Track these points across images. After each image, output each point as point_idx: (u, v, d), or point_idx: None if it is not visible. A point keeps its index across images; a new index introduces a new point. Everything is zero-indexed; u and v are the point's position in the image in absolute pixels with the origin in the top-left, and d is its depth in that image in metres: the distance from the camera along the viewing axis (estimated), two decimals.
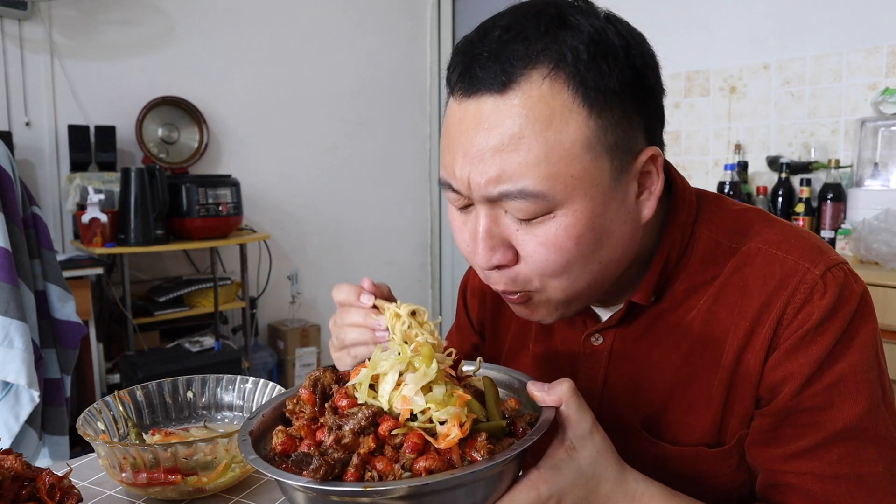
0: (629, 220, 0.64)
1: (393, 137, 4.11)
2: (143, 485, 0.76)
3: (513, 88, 0.58)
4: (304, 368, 3.53)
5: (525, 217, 0.60)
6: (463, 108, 0.61)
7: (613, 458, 0.60)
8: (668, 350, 0.70)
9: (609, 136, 0.59)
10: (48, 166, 2.96)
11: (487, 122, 0.59)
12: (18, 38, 2.84)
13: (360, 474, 0.52)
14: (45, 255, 1.56)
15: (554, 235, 0.60)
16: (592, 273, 0.64)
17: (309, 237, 3.79)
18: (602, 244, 0.62)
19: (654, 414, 0.70)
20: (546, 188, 0.58)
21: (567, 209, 0.59)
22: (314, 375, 0.62)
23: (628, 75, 0.60)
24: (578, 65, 0.58)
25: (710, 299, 0.68)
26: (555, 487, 0.56)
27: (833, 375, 0.62)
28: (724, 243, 0.69)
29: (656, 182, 0.65)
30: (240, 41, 3.45)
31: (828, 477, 0.62)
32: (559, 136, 0.57)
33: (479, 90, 0.59)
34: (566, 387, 0.58)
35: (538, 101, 0.57)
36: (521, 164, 0.58)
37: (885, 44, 2.41)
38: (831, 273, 0.64)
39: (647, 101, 0.63)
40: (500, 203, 0.61)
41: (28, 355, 1.37)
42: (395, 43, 4.07)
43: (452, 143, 0.62)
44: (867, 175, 2.44)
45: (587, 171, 0.59)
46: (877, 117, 2.37)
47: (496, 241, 0.62)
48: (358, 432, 0.54)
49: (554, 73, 0.58)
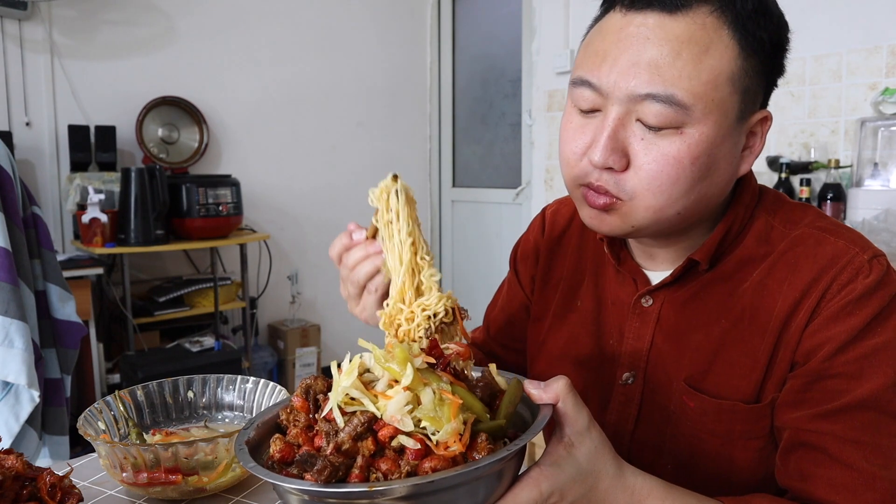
0: (732, 164, 0.70)
1: (393, 137, 4.11)
2: (144, 484, 0.76)
3: (683, 12, 0.64)
4: (304, 368, 3.53)
5: (658, 124, 0.65)
6: (627, 18, 0.66)
7: (611, 453, 0.61)
8: (717, 316, 0.74)
9: (746, 80, 0.66)
10: (48, 166, 2.96)
11: (653, 34, 0.64)
12: (18, 38, 2.84)
13: (364, 475, 0.52)
14: (45, 255, 1.56)
15: (677, 150, 0.65)
16: (689, 201, 0.68)
17: (309, 237, 3.79)
18: (709, 174, 0.67)
19: (698, 373, 0.74)
20: (691, 101, 0.63)
21: (696, 128, 0.65)
22: (306, 383, 0.62)
23: (775, 37, 0.68)
24: (743, 11, 0.65)
25: (762, 272, 0.72)
26: (556, 484, 0.56)
27: (866, 347, 0.65)
28: (777, 227, 0.74)
29: (759, 145, 0.71)
30: (240, 41, 3.45)
31: (848, 440, 0.64)
32: (712, 62, 0.64)
33: (652, 6, 0.65)
34: (562, 384, 0.58)
35: (702, 28, 0.64)
36: (675, 73, 0.63)
37: (885, 44, 2.41)
38: (878, 260, 0.68)
39: (775, 70, 0.70)
40: (639, 106, 0.65)
41: (28, 355, 1.37)
42: (395, 43, 4.07)
43: (606, 47, 0.67)
44: (867, 175, 2.44)
45: (724, 100, 0.65)
46: (877, 117, 2.37)
47: (617, 144, 0.66)
48: (356, 437, 0.54)
49: (720, 11, 0.64)
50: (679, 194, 0.67)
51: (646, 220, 0.69)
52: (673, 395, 0.75)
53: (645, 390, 0.78)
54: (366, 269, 0.72)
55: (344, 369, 0.58)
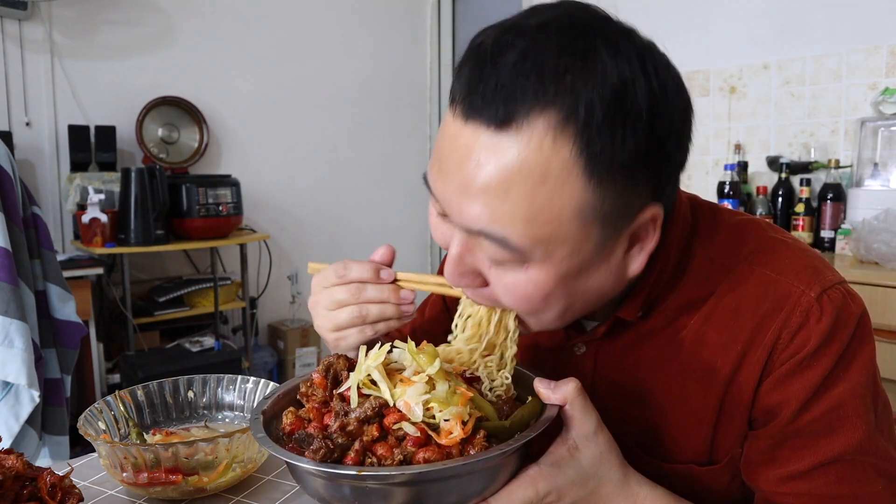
0: (611, 276, 0.60)
1: (393, 137, 4.11)
2: (144, 484, 0.76)
3: (512, 129, 0.51)
4: (304, 368, 3.53)
5: (499, 261, 0.57)
6: (457, 127, 0.55)
7: (618, 460, 0.60)
8: (658, 368, 0.68)
9: (605, 206, 0.54)
10: (48, 166, 2.96)
11: (480, 156, 0.53)
12: (18, 38, 2.84)
13: (359, 459, 0.53)
14: (45, 255, 1.56)
15: (523, 286, 0.57)
16: (575, 309, 0.62)
17: (309, 237, 3.79)
18: (574, 298, 0.60)
19: (646, 431, 0.69)
20: (527, 246, 0.54)
21: (541, 267, 0.56)
22: (328, 360, 0.63)
23: (644, 145, 0.53)
24: (590, 125, 0.50)
25: (700, 319, 0.66)
26: (553, 485, 0.56)
27: (830, 400, 0.60)
28: (718, 260, 0.66)
29: (651, 239, 0.60)
30: (240, 41, 3.45)
31: (826, 497, 0.61)
32: (551, 198, 0.52)
33: (477, 118, 0.53)
34: (572, 386, 0.58)
35: (536, 153, 0.51)
36: (506, 213, 0.53)
37: (885, 44, 2.41)
38: (827, 295, 0.61)
39: (663, 167, 0.56)
40: (477, 239, 0.57)
41: (28, 355, 1.37)
42: (395, 43, 4.07)
43: (444, 157, 0.57)
44: (867, 175, 2.44)
45: (572, 238, 0.55)
46: (877, 117, 2.37)
47: (466, 268, 0.59)
48: (363, 421, 0.55)
49: (560, 127, 0.51)
50: (557, 309, 0.60)
51: (540, 326, 0.63)
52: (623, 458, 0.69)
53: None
54: (376, 311, 0.68)
55: (371, 353, 0.59)
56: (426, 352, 0.58)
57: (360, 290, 0.68)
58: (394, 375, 0.58)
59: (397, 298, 0.68)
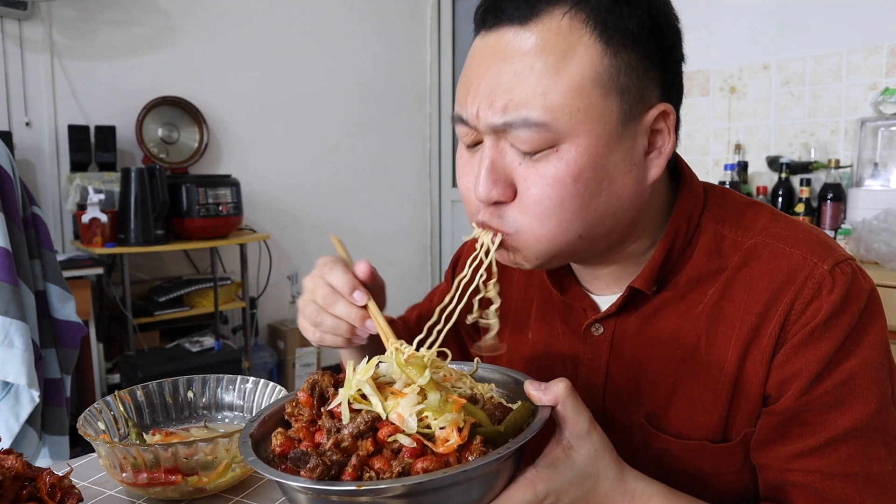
0: (633, 172, 0.63)
1: (393, 137, 4.11)
2: (144, 485, 0.76)
3: (533, 21, 0.59)
4: (304, 368, 3.53)
5: (528, 149, 0.60)
6: (484, 41, 0.62)
7: (612, 457, 0.60)
8: (672, 344, 0.69)
9: (622, 77, 0.59)
10: (48, 166, 2.96)
11: (505, 51, 0.59)
12: (18, 38, 2.84)
13: (357, 474, 0.52)
14: (45, 255, 1.56)
15: (555, 169, 0.59)
16: (586, 222, 0.62)
17: (309, 237, 3.79)
18: (602, 189, 0.61)
19: (659, 408, 0.70)
20: (549, 118, 0.58)
21: (570, 143, 0.59)
22: (313, 378, 0.62)
23: (648, 24, 0.60)
24: (600, 5, 0.59)
25: (716, 294, 0.67)
26: (552, 486, 0.56)
27: (842, 374, 0.61)
28: (729, 237, 0.68)
29: (667, 142, 0.64)
30: (240, 41, 3.45)
31: (836, 475, 0.61)
32: (570, 69, 0.58)
33: (502, 21, 0.60)
34: (562, 386, 0.57)
35: (556, 35, 0.58)
36: (528, 93, 0.58)
37: (885, 44, 2.41)
38: (839, 268, 0.62)
39: (665, 57, 0.63)
40: (506, 134, 0.61)
41: (28, 355, 1.37)
42: (395, 43, 4.07)
43: (470, 75, 0.62)
44: (867, 175, 2.44)
45: (595, 106, 0.59)
46: (877, 117, 2.37)
47: (499, 175, 0.62)
48: (357, 436, 0.54)
49: (574, 11, 0.59)
50: (570, 217, 0.61)
51: (543, 251, 0.64)
52: (635, 434, 0.71)
53: (605, 429, 0.68)
54: (330, 324, 0.71)
55: (359, 368, 0.59)
56: (414, 364, 0.58)
57: (333, 300, 0.71)
58: (383, 389, 0.57)
59: (359, 324, 0.70)
